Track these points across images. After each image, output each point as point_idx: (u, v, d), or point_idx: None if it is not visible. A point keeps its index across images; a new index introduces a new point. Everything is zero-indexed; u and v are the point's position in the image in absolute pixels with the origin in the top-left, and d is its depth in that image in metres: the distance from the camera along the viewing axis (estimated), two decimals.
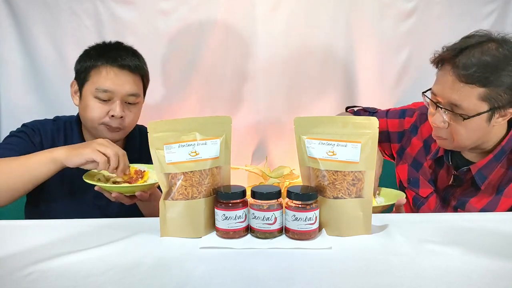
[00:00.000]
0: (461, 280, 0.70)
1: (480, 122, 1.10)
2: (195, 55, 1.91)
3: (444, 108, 1.11)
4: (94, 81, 1.25)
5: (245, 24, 1.89)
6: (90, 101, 1.25)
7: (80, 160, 1.07)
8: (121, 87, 1.25)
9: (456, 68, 1.07)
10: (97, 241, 0.85)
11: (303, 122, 0.92)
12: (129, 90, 1.26)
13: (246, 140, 2.00)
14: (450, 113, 1.11)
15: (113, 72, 1.25)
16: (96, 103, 1.25)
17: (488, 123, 1.11)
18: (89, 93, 1.25)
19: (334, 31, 1.92)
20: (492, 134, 1.16)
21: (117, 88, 1.24)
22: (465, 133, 1.12)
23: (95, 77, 1.25)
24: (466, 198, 1.21)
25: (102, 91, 1.23)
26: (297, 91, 1.97)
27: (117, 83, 1.24)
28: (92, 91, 1.24)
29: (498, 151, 1.17)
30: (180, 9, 1.87)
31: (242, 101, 1.97)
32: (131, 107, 1.29)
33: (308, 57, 1.94)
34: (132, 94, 1.27)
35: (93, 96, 1.24)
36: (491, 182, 1.18)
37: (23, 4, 1.83)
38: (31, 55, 1.87)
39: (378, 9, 1.91)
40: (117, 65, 1.25)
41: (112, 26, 1.85)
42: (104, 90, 1.23)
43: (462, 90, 1.07)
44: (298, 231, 0.85)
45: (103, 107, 1.25)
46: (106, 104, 1.25)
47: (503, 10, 1.95)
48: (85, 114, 1.27)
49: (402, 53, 1.96)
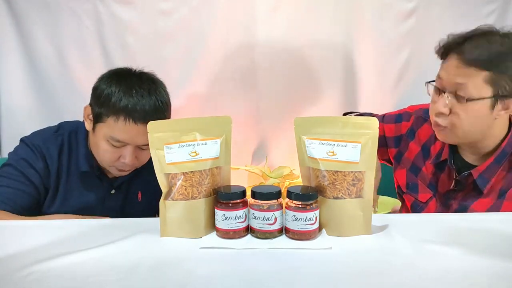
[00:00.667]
0: (462, 280, 0.70)
1: (483, 108, 1.09)
2: (195, 55, 1.92)
3: (449, 91, 1.11)
4: (110, 127, 1.15)
5: (245, 24, 1.89)
6: (101, 142, 1.18)
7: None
8: (136, 138, 1.16)
9: (461, 54, 1.08)
10: (97, 241, 0.85)
11: (303, 122, 0.92)
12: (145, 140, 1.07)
13: (246, 140, 2.01)
14: (454, 98, 1.10)
15: (130, 126, 1.14)
16: (108, 146, 1.18)
17: (491, 111, 1.10)
18: (102, 136, 1.18)
19: (334, 31, 1.92)
20: (493, 131, 1.16)
21: (131, 139, 1.16)
22: (467, 119, 1.11)
23: (111, 123, 1.15)
24: (467, 202, 1.20)
25: (115, 141, 1.16)
26: (297, 91, 1.97)
27: (132, 136, 1.16)
28: (105, 135, 1.17)
29: (499, 153, 1.16)
30: (180, 9, 1.87)
31: (242, 101, 1.98)
32: (145, 151, 1.21)
33: (308, 57, 1.94)
34: (146, 144, 1.13)
35: (106, 140, 1.17)
36: (493, 185, 1.17)
37: (23, 4, 1.83)
38: (31, 55, 1.88)
39: (378, 9, 1.91)
40: (135, 118, 1.14)
41: (112, 26, 1.85)
42: (118, 140, 1.16)
43: (468, 72, 1.07)
44: (298, 231, 0.85)
45: (115, 152, 1.18)
46: (119, 149, 1.18)
47: (503, 10, 1.95)
48: (96, 149, 1.22)
49: (402, 53, 1.96)
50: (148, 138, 0.89)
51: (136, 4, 1.85)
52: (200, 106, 1.97)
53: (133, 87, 1.16)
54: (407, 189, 1.34)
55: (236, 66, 1.93)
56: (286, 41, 1.91)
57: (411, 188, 1.32)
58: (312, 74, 1.96)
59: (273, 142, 2.02)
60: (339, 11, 1.90)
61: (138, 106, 1.14)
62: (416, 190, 1.31)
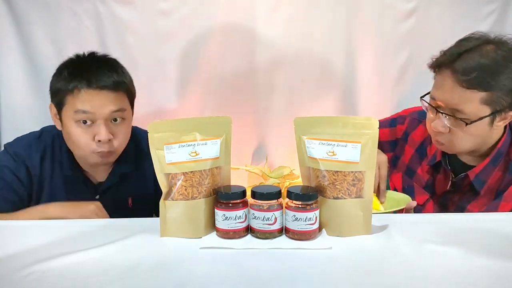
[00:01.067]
0: (462, 280, 0.70)
1: (483, 126, 1.09)
2: (195, 55, 1.91)
3: (445, 113, 1.10)
4: (71, 103, 1.13)
5: (245, 24, 1.89)
6: (72, 128, 1.14)
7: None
8: (102, 108, 1.13)
9: (455, 73, 1.06)
10: (97, 241, 0.85)
11: (303, 122, 0.92)
12: (112, 108, 1.14)
13: (246, 140, 2.00)
14: (452, 118, 1.10)
15: (90, 94, 1.12)
16: (78, 128, 1.14)
17: (490, 126, 1.10)
18: (69, 118, 1.14)
19: (334, 31, 1.92)
20: (491, 138, 1.16)
21: (97, 109, 1.12)
22: (467, 138, 1.11)
23: (71, 100, 1.13)
24: (464, 203, 1.20)
25: (81, 112, 1.12)
26: (297, 91, 1.97)
27: (96, 105, 1.12)
28: (71, 114, 1.13)
29: (494, 154, 1.17)
30: (180, 9, 1.87)
31: (242, 101, 1.97)
32: (119, 126, 1.17)
33: (308, 57, 1.94)
34: (116, 110, 1.15)
35: (74, 120, 1.13)
36: (490, 186, 1.17)
37: (23, 4, 1.82)
38: (31, 55, 1.87)
39: (378, 10, 1.91)
40: (93, 87, 1.12)
41: (112, 26, 1.85)
42: (83, 111, 1.12)
43: (464, 95, 1.06)
44: (298, 231, 0.85)
45: (87, 132, 1.14)
46: (90, 128, 1.14)
47: (503, 10, 1.94)
48: (71, 143, 1.19)
49: (402, 53, 1.96)
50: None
51: (136, 4, 1.85)
52: (200, 106, 1.97)
53: (82, 63, 1.18)
54: (403, 193, 1.34)
55: (236, 66, 1.93)
56: (286, 41, 1.91)
57: (407, 191, 1.32)
58: (312, 74, 1.96)
59: (273, 142, 2.02)
60: (339, 12, 1.90)
61: (92, 76, 1.13)
62: (412, 193, 1.31)
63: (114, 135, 1.16)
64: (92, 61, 1.20)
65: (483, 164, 1.17)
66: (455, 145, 1.14)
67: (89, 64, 1.17)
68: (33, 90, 1.90)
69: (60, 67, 1.21)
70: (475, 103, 1.06)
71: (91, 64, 1.18)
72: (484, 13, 1.93)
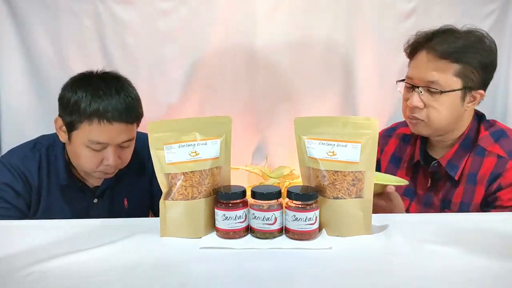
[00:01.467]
0: (461, 280, 0.70)
1: (455, 100, 1.17)
2: (195, 55, 1.91)
3: (421, 86, 1.17)
4: (86, 131, 1.13)
5: (245, 24, 1.89)
6: (81, 151, 1.16)
7: None
8: (115, 138, 1.15)
9: (431, 49, 1.17)
10: (97, 241, 0.85)
11: (303, 122, 0.92)
12: (124, 138, 1.17)
13: (246, 140, 2.00)
14: (427, 92, 1.17)
15: (106, 128, 1.13)
16: (89, 152, 1.16)
17: (462, 102, 1.18)
18: (80, 143, 1.15)
19: (334, 31, 1.92)
20: (461, 122, 1.22)
21: (111, 140, 1.15)
22: (441, 110, 1.17)
23: (86, 128, 1.13)
24: (448, 196, 1.23)
25: (95, 143, 1.14)
26: (297, 91, 1.97)
27: (111, 136, 1.14)
28: (83, 141, 1.14)
29: (462, 140, 1.22)
30: (180, 9, 1.87)
31: (242, 101, 1.97)
32: (126, 149, 1.21)
33: (308, 57, 1.94)
34: (126, 140, 1.18)
35: (85, 146, 1.15)
36: (465, 172, 1.21)
37: (23, 4, 1.82)
38: (31, 56, 1.87)
39: (378, 9, 1.91)
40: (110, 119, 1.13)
41: (112, 27, 1.85)
42: (97, 142, 1.14)
43: (438, 65, 1.16)
44: (298, 231, 0.85)
45: (96, 156, 1.16)
46: (99, 153, 1.16)
47: (503, 10, 1.95)
48: (77, 161, 1.20)
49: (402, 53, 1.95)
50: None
51: (136, 4, 1.85)
52: (200, 106, 1.97)
53: (99, 89, 1.14)
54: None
55: (236, 66, 1.93)
56: (286, 41, 1.91)
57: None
58: (312, 74, 1.95)
59: (273, 142, 2.02)
60: (339, 12, 1.90)
61: (110, 107, 1.13)
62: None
63: (120, 157, 1.19)
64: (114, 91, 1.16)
65: (452, 150, 1.23)
66: (431, 119, 1.18)
67: (108, 94, 1.14)
68: (33, 90, 1.90)
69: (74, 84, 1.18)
70: (449, 74, 1.15)
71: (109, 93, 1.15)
72: (484, 13, 1.93)
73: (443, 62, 1.15)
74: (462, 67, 1.15)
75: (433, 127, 1.20)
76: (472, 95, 1.18)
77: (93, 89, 1.14)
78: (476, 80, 1.17)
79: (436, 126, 1.19)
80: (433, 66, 1.16)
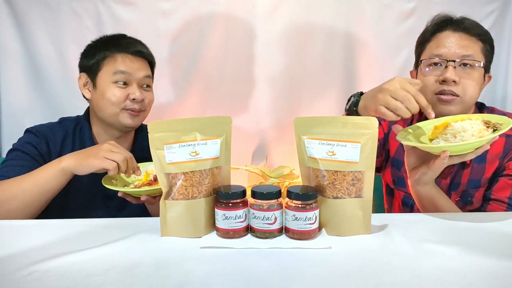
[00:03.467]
0: (460, 280, 0.70)
1: (481, 76, 1.21)
2: (195, 55, 1.92)
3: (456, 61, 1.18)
4: (110, 67, 1.26)
5: (245, 24, 1.89)
6: (108, 88, 1.26)
7: (90, 170, 1.08)
8: (137, 71, 1.28)
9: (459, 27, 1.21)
10: (97, 241, 0.85)
11: (303, 122, 0.92)
12: (144, 73, 1.30)
13: (246, 140, 2.01)
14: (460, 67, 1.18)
15: (128, 58, 1.28)
16: (115, 88, 1.26)
17: (482, 82, 1.21)
18: (106, 81, 1.26)
19: (334, 31, 1.92)
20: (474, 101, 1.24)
21: (134, 71, 1.27)
22: (475, 85, 1.19)
23: (110, 64, 1.26)
24: (457, 178, 1.23)
25: (120, 73, 1.25)
26: (297, 91, 1.97)
27: (133, 68, 1.27)
28: (109, 76, 1.26)
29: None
30: (180, 9, 1.87)
31: (243, 101, 1.98)
32: (147, 91, 1.32)
33: (308, 57, 1.94)
34: (147, 76, 1.31)
35: (111, 81, 1.25)
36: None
37: (24, 4, 1.83)
38: (31, 56, 1.88)
39: (378, 10, 1.91)
40: (131, 52, 1.28)
41: (113, 27, 1.85)
42: (122, 71, 1.25)
43: (470, 41, 1.19)
44: (298, 231, 0.85)
45: (122, 91, 1.26)
46: (125, 89, 1.26)
47: (503, 10, 1.95)
48: (103, 102, 1.27)
49: (402, 53, 1.96)
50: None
51: (136, 4, 1.86)
52: (200, 106, 1.97)
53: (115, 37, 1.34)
54: (395, 185, 1.35)
55: (236, 66, 1.93)
56: (286, 41, 1.92)
57: (398, 183, 1.33)
58: (312, 74, 1.96)
59: (273, 142, 2.02)
60: (339, 12, 1.90)
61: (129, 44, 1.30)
62: (403, 183, 1.31)
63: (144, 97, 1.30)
64: (124, 36, 1.35)
65: None
66: (468, 93, 1.18)
67: (122, 37, 1.34)
68: (33, 90, 1.90)
69: (92, 44, 1.33)
70: (478, 50, 1.19)
71: (124, 37, 1.34)
72: (484, 13, 1.94)
73: (473, 39, 1.19)
74: (484, 47, 1.20)
75: (466, 104, 1.20)
76: (487, 75, 1.24)
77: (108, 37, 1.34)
78: (489, 62, 1.23)
79: (469, 102, 1.20)
80: (465, 42, 1.19)
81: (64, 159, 1.10)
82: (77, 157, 1.09)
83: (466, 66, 1.18)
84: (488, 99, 1.97)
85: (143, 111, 1.31)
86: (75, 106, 1.36)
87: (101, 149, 1.09)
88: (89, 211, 1.23)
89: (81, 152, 1.12)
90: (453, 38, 1.20)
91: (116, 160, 1.07)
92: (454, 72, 1.17)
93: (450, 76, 1.16)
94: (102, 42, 1.32)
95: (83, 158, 1.08)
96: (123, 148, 1.12)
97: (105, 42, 1.31)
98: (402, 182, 1.32)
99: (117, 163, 1.07)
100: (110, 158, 1.07)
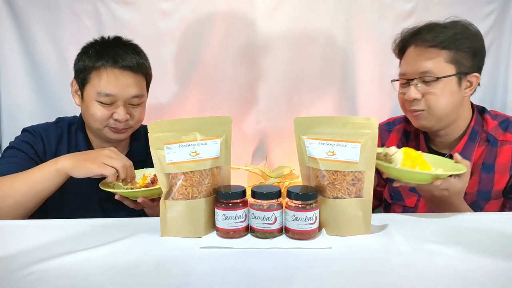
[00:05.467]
0: (460, 279, 0.70)
1: (452, 85, 1.19)
2: (195, 55, 1.92)
3: (416, 78, 1.19)
4: (95, 85, 1.20)
5: (245, 24, 1.89)
6: (92, 105, 1.21)
7: (87, 174, 1.06)
8: (124, 90, 1.20)
9: (419, 41, 1.20)
10: (97, 241, 0.85)
11: (303, 122, 0.92)
12: (132, 92, 1.22)
13: (246, 140, 2.00)
14: (422, 83, 1.19)
15: (114, 75, 1.19)
16: (99, 106, 1.20)
17: (459, 88, 1.19)
18: (91, 97, 1.21)
19: (333, 31, 1.92)
20: (462, 113, 1.23)
21: (119, 91, 1.20)
22: (440, 96, 1.18)
23: (95, 79, 1.20)
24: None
25: (104, 96, 1.19)
26: (297, 91, 1.97)
27: (119, 87, 1.19)
28: (93, 95, 1.20)
29: (470, 133, 1.24)
30: (180, 9, 1.87)
31: (242, 101, 1.98)
32: (136, 108, 1.25)
33: (308, 57, 1.94)
34: (135, 96, 1.23)
35: (95, 100, 1.20)
36: (477, 163, 1.22)
37: (24, 4, 1.83)
38: (31, 56, 1.87)
39: (378, 10, 1.91)
40: (118, 66, 1.19)
41: (113, 27, 1.85)
42: (106, 94, 1.19)
43: (429, 55, 1.18)
44: (298, 231, 0.85)
45: (106, 109, 1.21)
46: (110, 108, 1.21)
47: (503, 10, 1.95)
48: (88, 117, 1.24)
49: None
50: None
51: (136, 5, 1.86)
52: (200, 106, 1.97)
53: (108, 43, 1.26)
54: (392, 200, 1.34)
55: (236, 66, 1.93)
56: (285, 41, 1.91)
57: (395, 197, 1.33)
58: (312, 74, 1.96)
59: (273, 142, 2.02)
60: (339, 12, 1.90)
61: (118, 56, 1.21)
62: (400, 197, 1.31)
63: (130, 116, 1.24)
64: (117, 42, 1.27)
65: (462, 142, 1.24)
66: (431, 106, 1.19)
67: (114, 45, 1.25)
68: (33, 90, 1.90)
69: (86, 47, 1.27)
70: (440, 62, 1.18)
71: (116, 45, 1.25)
72: (484, 13, 1.93)
73: (433, 50, 1.18)
74: (453, 53, 1.18)
75: (435, 116, 1.20)
76: (467, 80, 1.21)
77: (103, 44, 1.26)
78: (469, 64, 1.19)
79: (438, 113, 1.20)
80: (424, 56, 1.18)
81: (60, 160, 1.08)
82: (74, 159, 1.07)
83: (427, 81, 1.19)
84: (488, 101, 1.97)
85: (127, 129, 1.26)
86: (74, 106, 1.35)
87: (101, 154, 1.07)
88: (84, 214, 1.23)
89: (79, 155, 1.10)
90: (414, 55, 1.21)
91: (116, 166, 1.05)
92: (416, 89, 1.20)
93: (409, 96, 1.21)
94: (94, 49, 1.24)
95: (80, 161, 1.06)
96: (123, 156, 1.10)
97: (96, 50, 1.23)
98: (399, 196, 1.32)
99: (116, 170, 1.05)
100: (110, 164, 1.05)
